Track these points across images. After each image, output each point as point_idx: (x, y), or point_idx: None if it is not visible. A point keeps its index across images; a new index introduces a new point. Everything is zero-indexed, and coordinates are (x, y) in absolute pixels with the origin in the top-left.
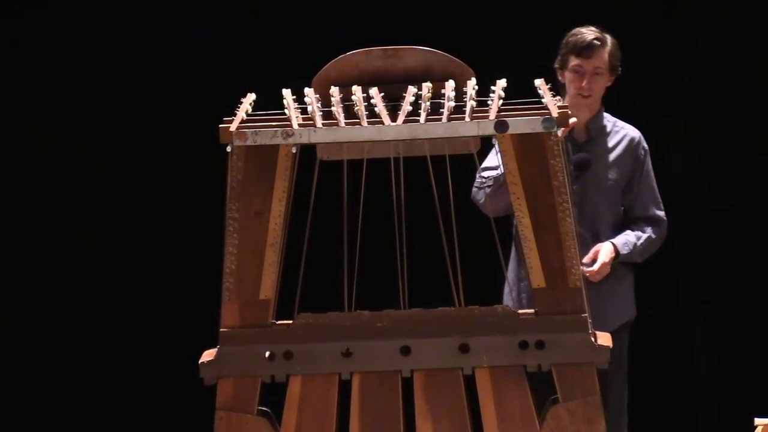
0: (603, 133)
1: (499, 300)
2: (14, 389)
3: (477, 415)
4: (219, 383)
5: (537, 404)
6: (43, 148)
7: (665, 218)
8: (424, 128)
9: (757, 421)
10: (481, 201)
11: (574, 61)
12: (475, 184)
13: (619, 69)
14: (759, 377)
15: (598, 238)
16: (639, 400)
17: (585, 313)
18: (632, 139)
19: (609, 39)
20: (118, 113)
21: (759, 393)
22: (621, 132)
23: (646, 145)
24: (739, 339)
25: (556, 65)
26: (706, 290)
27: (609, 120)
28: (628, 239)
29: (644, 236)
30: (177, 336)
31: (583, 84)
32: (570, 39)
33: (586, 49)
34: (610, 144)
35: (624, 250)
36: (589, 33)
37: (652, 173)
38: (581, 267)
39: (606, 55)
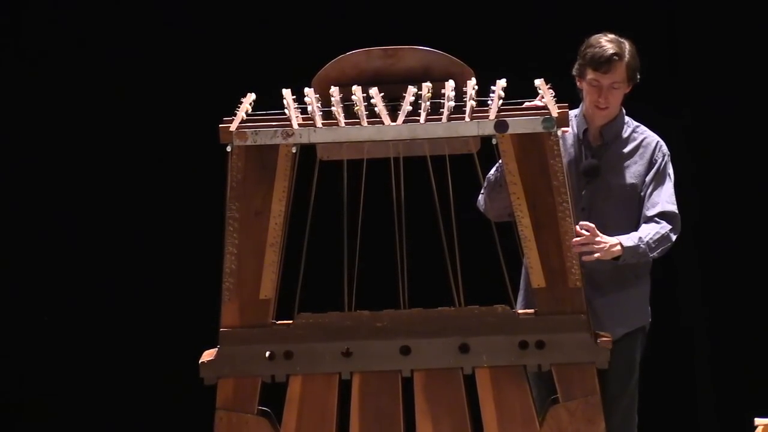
0: (619, 139)
1: (498, 300)
2: (14, 389)
3: (477, 415)
4: (219, 383)
5: (543, 402)
6: (43, 148)
7: (677, 213)
8: (424, 128)
9: (758, 421)
10: (482, 205)
11: (591, 74)
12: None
13: (638, 77)
14: (759, 377)
15: None
16: (640, 401)
17: (584, 313)
18: (649, 145)
19: (627, 50)
20: (118, 113)
21: (759, 393)
22: (639, 138)
23: (665, 150)
24: (739, 339)
25: (574, 73)
26: (705, 291)
27: (629, 125)
28: (632, 234)
29: (652, 231)
30: (177, 336)
31: (600, 98)
32: (588, 50)
33: (603, 65)
34: (626, 150)
35: (628, 243)
36: (607, 46)
37: (669, 177)
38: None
39: (623, 68)
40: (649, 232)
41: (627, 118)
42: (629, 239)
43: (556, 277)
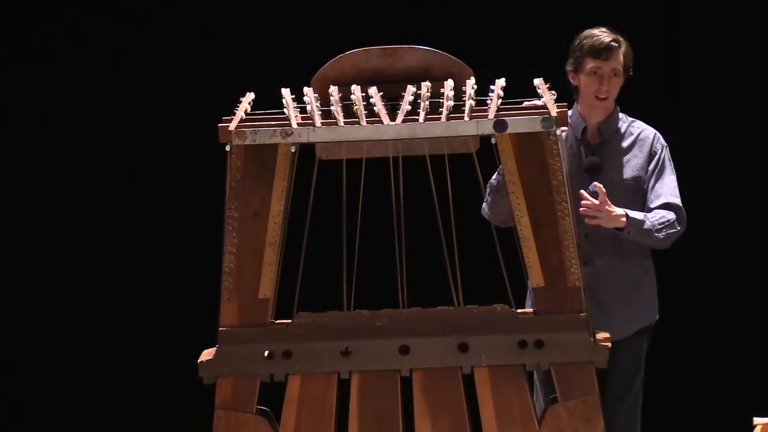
0: (617, 135)
1: (498, 299)
2: (14, 388)
3: (476, 414)
4: (218, 382)
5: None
6: (43, 148)
7: (682, 206)
8: (423, 127)
9: (756, 420)
10: (486, 212)
11: (591, 64)
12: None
13: (631, 70)
14: (758, 377)
15: (615, 240)
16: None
17: (584, 312)
18: (647, 138)
19: (622, 39)
20: (117, 113)
21: (758, 392)
22: (636, 132)
23: (663, 142)
24: (738, 339)
25: (569, 68)
26: (705, 290)
27: (624, 121)
28: (639, 212)
29: (658, 215)
30: (176, 335)
31: (602, 86)
32: (585, 41)
33: (604, 51)
34: (624, 145)
35: (634, 215)
36: (604, 35)
37: (669, 168)
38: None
39: (621, 56)
40: (655, 214)
41: (621, 114)
42: (636, 213)
43: (556, 277)
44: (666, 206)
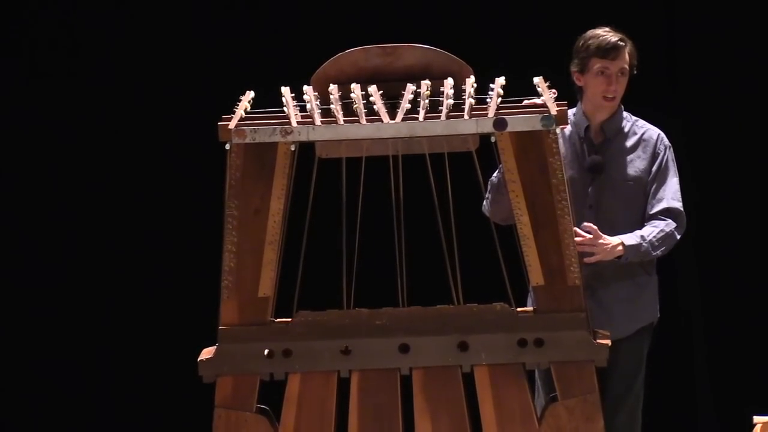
0: (620, 134)
1: (498, 298)
2: (14, 388)
3: (476, 413)
4: (218, 381)
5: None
6: (43, 148)
7: (683, 210)
8: (423, 126)
9: (756, 419)
10: (487, 210)
11: (598, 64)
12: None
13: (636, 68)
14: (758, 376)
15: None
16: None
17: (584, 311)
18: (650, 138)
19: (627, 38)
20: (117, 112)
21: (758, 392)
22: (640, 131)
23: (667, 143)
24: (739, 338)
25: (574, 69)
26: (705, 290)
27: (629, 120)
28: (635, 233)
29: (656, 230)
30: (176, 334)
31: (611, 86)
32: (591, 42)
33: (611, 51)
34: (628, 144)
35: (630, 242)
36: (609, 34)
37: (672, 170)
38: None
39: (627, 56)
40: (652, 230)
41: (625, 113)
42: (631, 238)
43: (555, 275)
44: (666, 212)
